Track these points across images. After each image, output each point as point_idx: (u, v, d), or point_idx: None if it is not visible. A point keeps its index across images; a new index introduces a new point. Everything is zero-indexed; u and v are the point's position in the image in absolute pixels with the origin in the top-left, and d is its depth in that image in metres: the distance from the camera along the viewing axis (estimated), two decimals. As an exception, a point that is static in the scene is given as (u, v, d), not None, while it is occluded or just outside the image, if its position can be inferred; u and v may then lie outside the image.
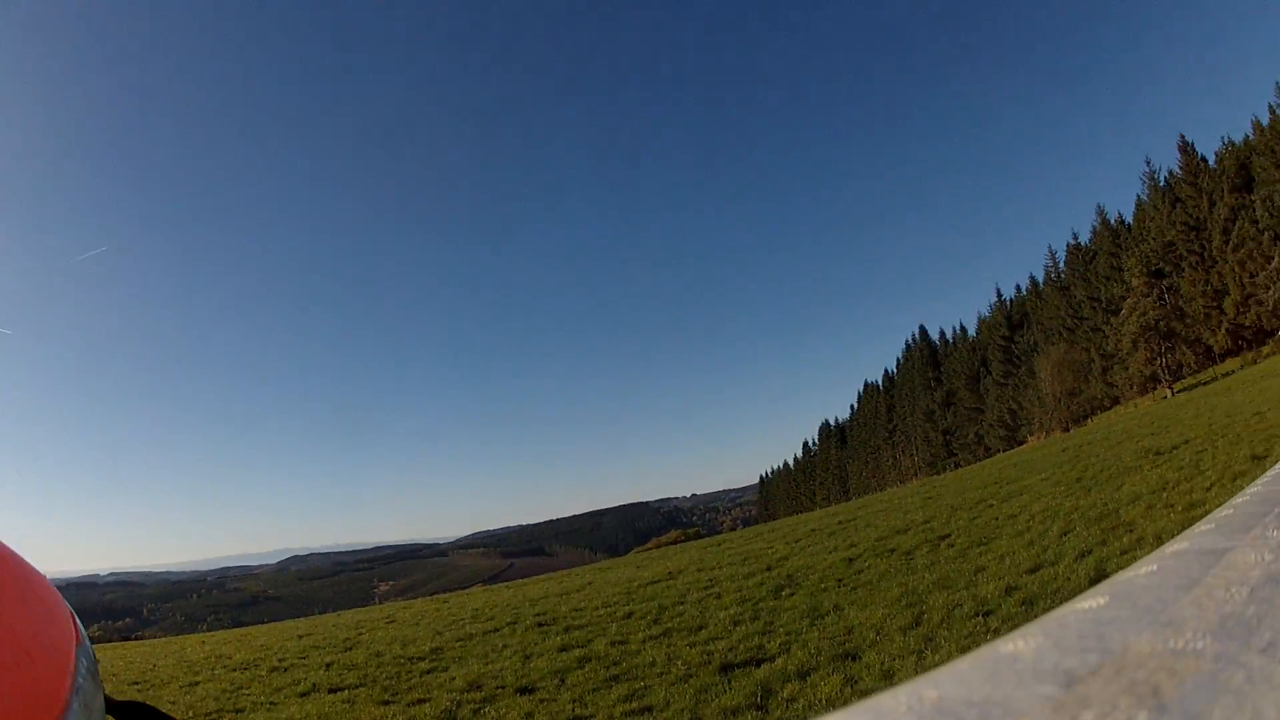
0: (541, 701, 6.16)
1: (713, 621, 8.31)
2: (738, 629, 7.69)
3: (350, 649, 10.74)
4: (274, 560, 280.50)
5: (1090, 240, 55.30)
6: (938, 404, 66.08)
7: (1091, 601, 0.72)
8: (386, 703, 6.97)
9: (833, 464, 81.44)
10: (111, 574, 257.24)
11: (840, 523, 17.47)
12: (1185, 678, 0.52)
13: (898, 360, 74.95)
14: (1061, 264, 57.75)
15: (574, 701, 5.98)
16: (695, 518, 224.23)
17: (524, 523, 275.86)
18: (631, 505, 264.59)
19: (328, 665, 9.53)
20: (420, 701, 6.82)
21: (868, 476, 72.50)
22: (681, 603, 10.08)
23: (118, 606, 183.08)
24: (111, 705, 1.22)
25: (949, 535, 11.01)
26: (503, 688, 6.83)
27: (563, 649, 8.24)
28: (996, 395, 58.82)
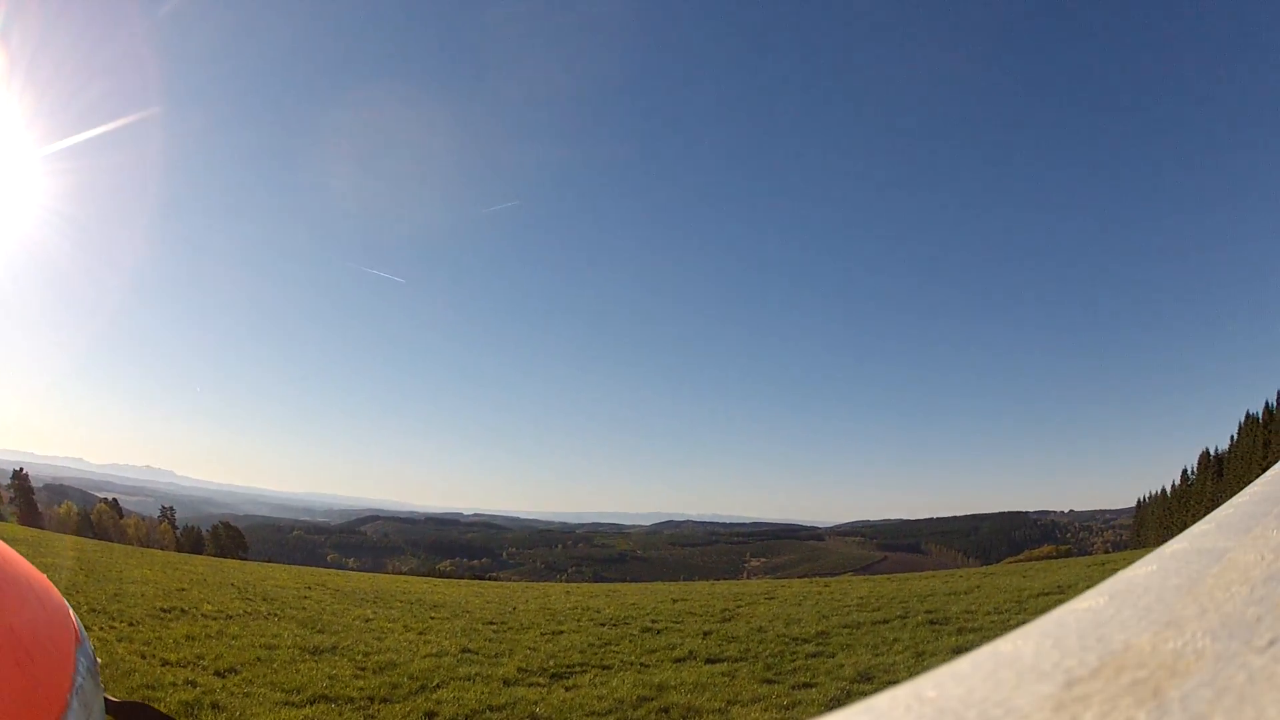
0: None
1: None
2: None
3: (729, 620, 10.65)
4: (648, 523, 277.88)
5: None
6: None
7: (1091, 601, 0.74)
8: (769, 681, 6.78)
9: (1207, 497, 75.67)
10: (475, 513, 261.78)
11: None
12: (1186, 678, 0.52)
13: (1278, 392, 68.08)
14: None
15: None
16: (1070, 535, 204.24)
17: (904, 517, 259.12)
18: (1010, 514, 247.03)
19: (705, 634, 9.42)
20: (805, 685, 6.60)
21: None
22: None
23: (477, 545, 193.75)
24: (111, 705, 1.26)
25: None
26: (895, 682, 4.43)
27: (957, 650, 7.50)
28: None
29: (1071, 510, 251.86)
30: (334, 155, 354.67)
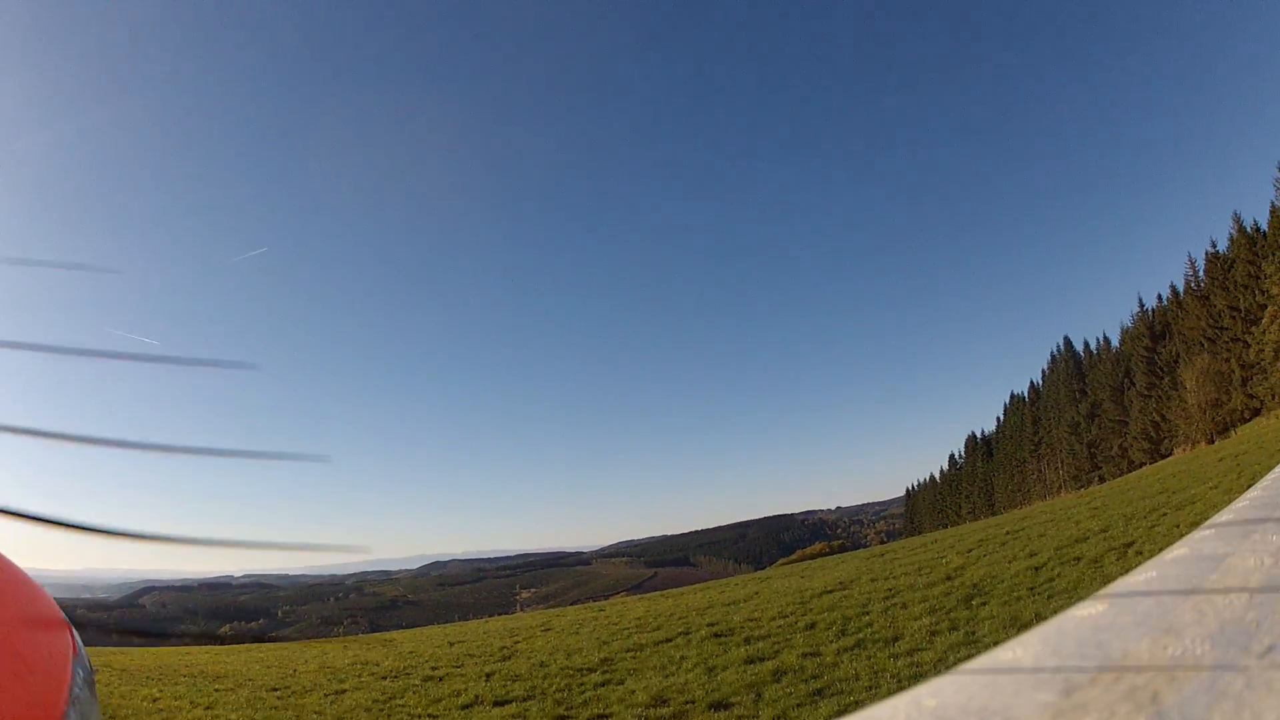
0: (740, 718, 5.68)
1: (907, 632, 7.91)
2: (937, 639, 7.30)
3: (509, 658, 10.46)
4: (414, 566, 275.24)
5: (1228, 248, 53.01)
6: (1082, 416, 65.13)
7: (1090, 608, 0.74)
8: (561, 718, 6.58)
9: (978, 477, 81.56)
10: (246, 575, 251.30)
11: (1008, 533, 17.39)
12: (1184, 684, 0.53)
13: (1043, 372, 74.29)
14: (1201, 272, 55.69)
15: (778, 718, 5.54)
16: (840, 530, 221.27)
17: (668, 533, 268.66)
18: (776, 517, 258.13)
19: (488, 675, 9.18)
20: (600, 717, 6.40)
21: (1013, 490, 72.32)
22: (865, 613, 9.60)
23: (251, 607, 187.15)
24: None
25: (1133, 543, 11.05)
26: (692, 702, 6.30)
27: (749, 661, 7.66)
28: (1140, 407, 57.60)
29: (839, 507, 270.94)
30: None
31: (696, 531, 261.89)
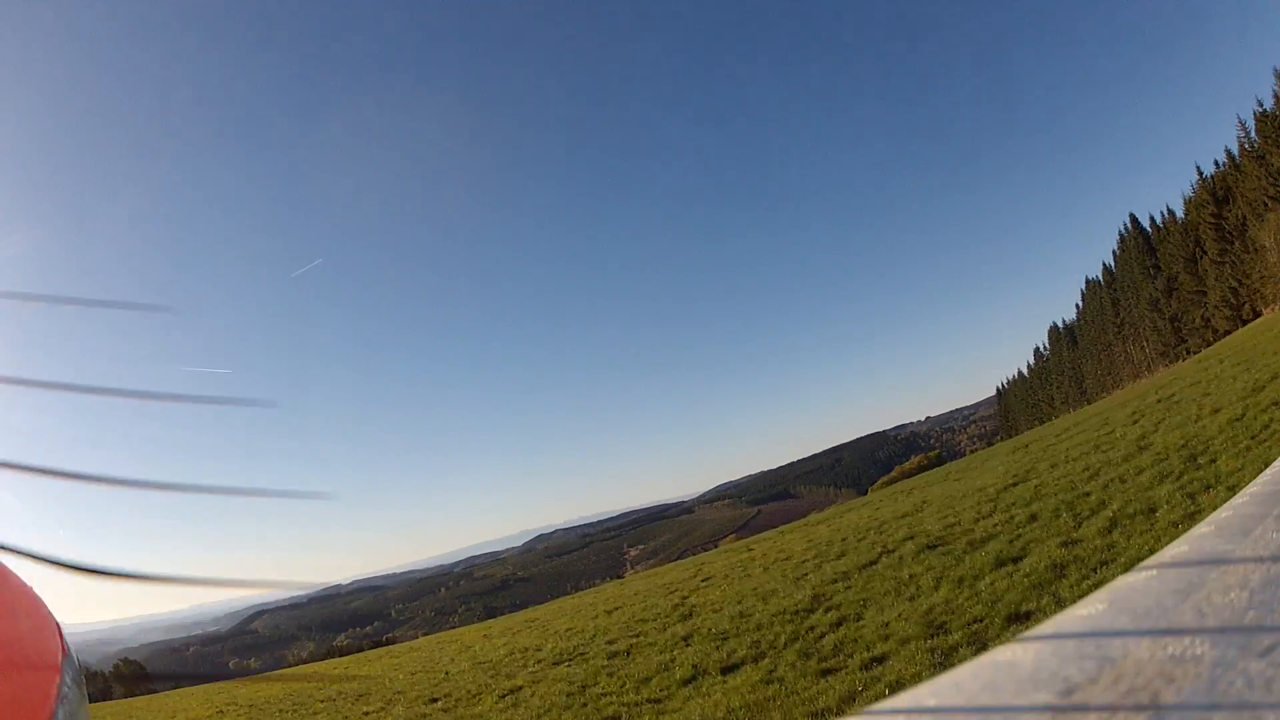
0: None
1: (1159, 501, 7.10)
2: (1200, 499, 6.59)
3: (691, 615, 9.54)
4: (519, 542, 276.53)
5: (1274, 105, 51.13)
6: (1160, 291, 63.60)
7: (1090, 608, 0.74)
8: (827, 671, 5.58)
9: (1066, 367, 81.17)
10: (353, 581, 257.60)
11: (1159, 401, 16.54)
12: (1184, 684, 0.53)
13: (1114, 253, 72.63)
14: (1253, 133, 53.62)
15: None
16: (933, 440, 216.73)
17: (764, 469, 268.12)
18: (868, 437, 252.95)
19: (684, 639, 8.17)
20: (876, 660, 5.43)
21: (1101, 375, 71.69)
22: (1085, 495, 8.73)
23: (364, 612, 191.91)
24: None
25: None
26: (980, 620, 5.44)
27: (999, 564, 6.81)
28: (1216, 275, 56.06)
29: (928, 417, 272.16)
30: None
31: (791, 464, 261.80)
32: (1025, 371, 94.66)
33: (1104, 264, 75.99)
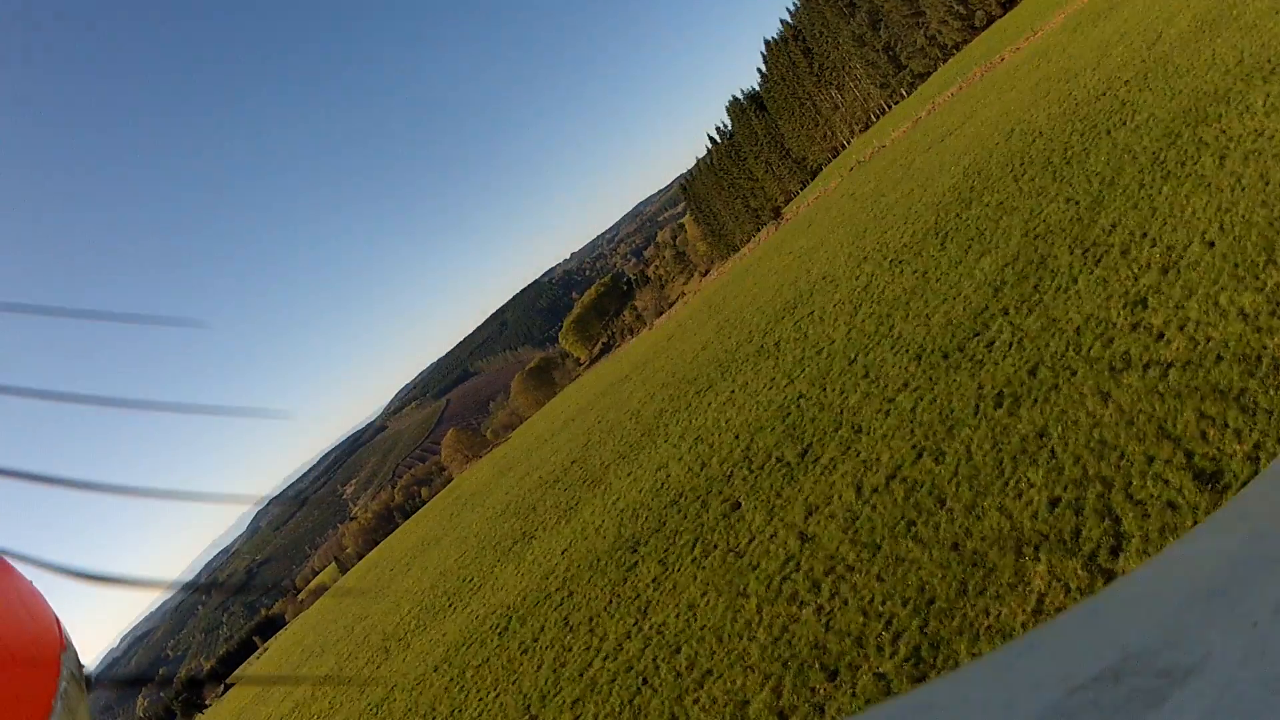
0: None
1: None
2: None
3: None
4: (244, 528, 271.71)
5: None
6: (865, 27, 61.91)
7: (1090, 607, 0.74)
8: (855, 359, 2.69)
9: (761, 134, 75.77)
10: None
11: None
12: (1189, 684, 0.53)
13: (790, 8, 69.18)
14: None
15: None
16: (587, 271, 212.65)
17: (436, 359, 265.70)
18: (522, 292, 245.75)
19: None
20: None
21: (809, 129, 68.98)
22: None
23: None
24: None
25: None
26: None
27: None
28: None
29: (573, 253, 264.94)
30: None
31: (459, 345, 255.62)
32: (709, 158, 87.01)
33: (781, 20, 72.54)
